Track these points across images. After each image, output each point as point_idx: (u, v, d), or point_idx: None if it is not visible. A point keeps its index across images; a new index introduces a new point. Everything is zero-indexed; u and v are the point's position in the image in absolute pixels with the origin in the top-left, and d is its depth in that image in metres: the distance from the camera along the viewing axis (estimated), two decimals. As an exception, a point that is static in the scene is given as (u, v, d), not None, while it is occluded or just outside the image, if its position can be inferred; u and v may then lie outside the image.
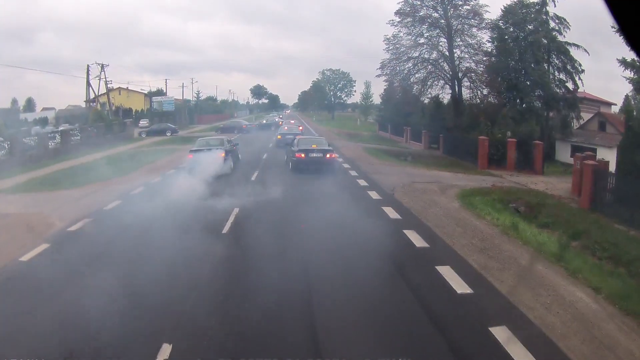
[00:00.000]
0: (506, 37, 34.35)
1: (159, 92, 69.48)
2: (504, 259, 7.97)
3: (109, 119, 36.58)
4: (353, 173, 17.91)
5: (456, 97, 30.51)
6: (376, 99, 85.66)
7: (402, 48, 31.58)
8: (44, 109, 75.75)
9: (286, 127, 30.27)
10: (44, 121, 69.93)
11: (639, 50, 1.40)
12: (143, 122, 56.80)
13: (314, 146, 17.89)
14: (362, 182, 15.63)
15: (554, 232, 10.90)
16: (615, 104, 40.49)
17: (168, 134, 42.15)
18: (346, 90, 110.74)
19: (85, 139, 30.22)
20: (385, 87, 50.73)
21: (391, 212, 11.03)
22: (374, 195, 13.45)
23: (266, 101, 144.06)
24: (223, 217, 10.40)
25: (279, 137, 27.36)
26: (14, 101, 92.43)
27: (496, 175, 20.83)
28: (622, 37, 1.42)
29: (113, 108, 61.81)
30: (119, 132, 35.95)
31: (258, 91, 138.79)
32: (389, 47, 32.46)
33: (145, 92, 72.32)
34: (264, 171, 17.90)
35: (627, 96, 46.46)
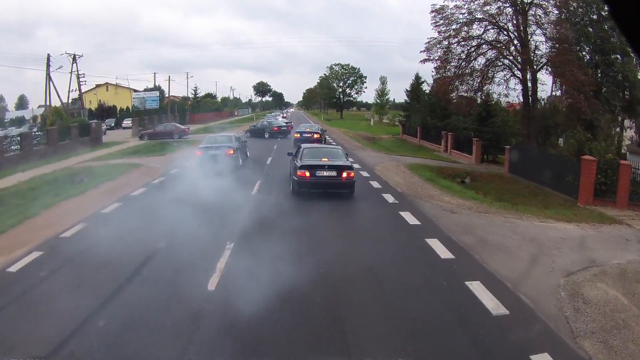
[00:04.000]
0: (577, 19, 26.74)
1: (157, 90, 62.67)
2: None
3: (67, 121, 28.87)
4: (439, 247, 7.97)
5: (529, 95, 22.15)
6: (392, 96, 77.68)
7: (455, 25, 22.75)
8: (40, 106, 69.63)
9: (308, 128, 28.29)
10: (20, 121, 62.83)
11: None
12: (127, 122, 49.30)
13: (324, 160, 12.22)
14: (488, 299, 5.79)
15: None
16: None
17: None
18: (356, 87, 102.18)
19: (29, 148, 22.73)
20: (412, 82, 43.06)
21: None
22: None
23: (270, 99, 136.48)
24: None
25: (296, 135, 26.15)
26: (1, 98, 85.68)
27: (614, 218, 12.87)
28: (624, 39, 1.42)
29: (96, 106, 54.54)
30: (82, 136, 28.30)
31: (261, 88, 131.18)
32: (437, 22, 23.52)
33: (141, 89, 65.54)
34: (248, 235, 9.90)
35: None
